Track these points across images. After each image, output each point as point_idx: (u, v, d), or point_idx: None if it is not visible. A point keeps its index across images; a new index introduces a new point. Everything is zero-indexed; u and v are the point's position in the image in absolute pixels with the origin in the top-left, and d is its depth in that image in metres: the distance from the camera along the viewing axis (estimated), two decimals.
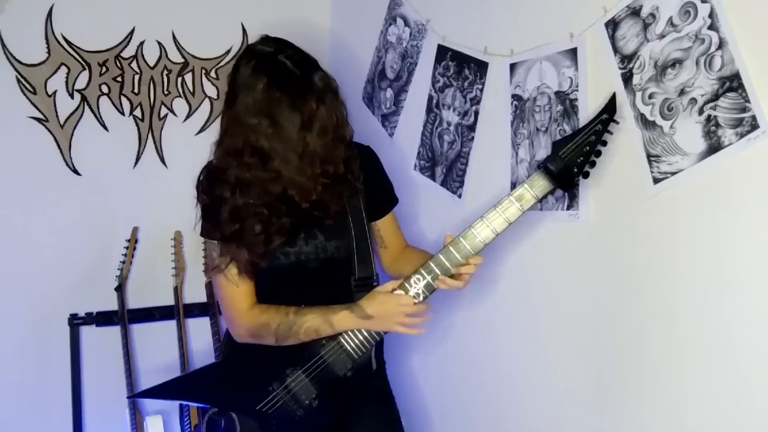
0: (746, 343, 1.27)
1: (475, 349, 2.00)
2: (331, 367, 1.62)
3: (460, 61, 1.96)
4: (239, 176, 1.53)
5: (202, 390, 1.69)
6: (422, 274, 1.57)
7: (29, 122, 2.33)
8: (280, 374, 1.63)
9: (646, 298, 1.46)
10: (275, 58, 1.54)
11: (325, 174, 1.57)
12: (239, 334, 1.66)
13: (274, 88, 1.51)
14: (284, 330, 1.60)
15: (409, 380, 2.26)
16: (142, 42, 2.44)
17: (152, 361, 2.52)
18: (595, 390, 1.61)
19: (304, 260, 1.64)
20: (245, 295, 1.63)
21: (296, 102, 1.52)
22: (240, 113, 1.52)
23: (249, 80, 1.52)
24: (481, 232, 1.55)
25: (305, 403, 1.62)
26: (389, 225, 1.81)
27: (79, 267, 2.43)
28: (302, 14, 2.67)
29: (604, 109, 1.47)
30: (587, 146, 1.46)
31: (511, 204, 1.54)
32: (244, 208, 1.55)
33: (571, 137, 1.49)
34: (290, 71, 1.53)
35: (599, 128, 1.46)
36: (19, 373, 2.38)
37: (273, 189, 1.54)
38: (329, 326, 1.59)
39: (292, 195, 1.55)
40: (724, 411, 1.32)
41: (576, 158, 1.48)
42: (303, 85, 1.53)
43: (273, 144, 1.51)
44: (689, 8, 1.33)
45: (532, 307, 1.79)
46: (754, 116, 1.23)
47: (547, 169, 1.50)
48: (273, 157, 1.52)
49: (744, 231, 1.26)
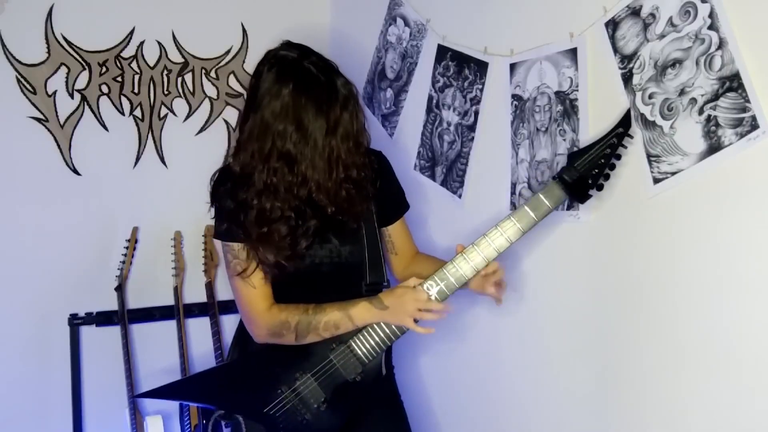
0: (746, 343, 1.27)
1: (476, 350, 2.00)
2: (341, 372, 1.62)
3: (460, 61, 1.96)
4: (267, 180, 1.55)
5: (209, 391, 1.69)
6: (435, 281, 1.59)
7: (29, 122, 2.33)
8: (289, 377, 1.63)
9: (646, 297, 1.46)
10: (301, 64, 1.56)
11: (348, 179, 1.59)
12: (259, 335, 1.65)
13: (300, 94, 1.53)
14: (304, 326, 1.59)
15: (417, 384, 2.26)
16: (142, 42, 2.44)
17: (152, 361, 2.52)
18: (596, 390, 1.61)
19: (318, 263, 1.64)
20: (263, 297, 1.63)
21: (322, 107, 1.54)
22: (266, 118, 1.53)
23: (275, 86, 1.54)
24: (495, 240, 1.56)
25: (314, 407, 1.62)
26: (400, 231, 1.81)
27: (79, 267, 2.43)
28: (302, 14, 2.67)
29: (620, 123, 1.47)
30: (602, 159, 1.48)
31: (527, 213, 1.55)
32: (271, 212, 1.56)
33: (586, 150, 1.50)
34: (315, 77, 1.55)
35: (614, 141, 1.47)
36: (19, 373, 2.37)
37: (300, 193, 1.56)
38: (348, 319, 1.59)
39: (319, 199, 1.57)
40: (725, 411, 1.32)
41: (591, 170, 1.49)
42: (328, 91, 1.56)
43: (299, 148, 1.54)
44: (689, 8, 1.33)
45: (533, 308, 1.79)
46: (754, 116, 1.23)
47: (563, 180, 1.52)
48: (300, 161, 1.54)
49: (744, 231, 1.26)
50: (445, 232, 2.08)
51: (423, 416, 2.20)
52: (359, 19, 2.50)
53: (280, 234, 1.57)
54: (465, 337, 2.04)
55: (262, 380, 1.64)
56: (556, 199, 1.54)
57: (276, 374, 1.64)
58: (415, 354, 2.26)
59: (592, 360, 1.61)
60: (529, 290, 1.80)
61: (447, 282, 1.58)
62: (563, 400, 1.70)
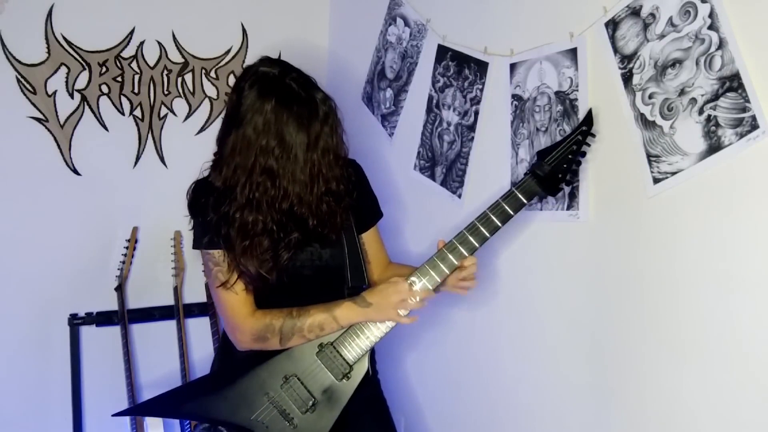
0: (746, 343, 1.27)
1: (476, 350, 2.00)
2: (328, 373, 1.63)
3: (460, 61, 1.96)
4: (249, 195, 1.57)
5: (194, 404, 1.69)
6: (418, 277, 1.61)
7: (29, 122, 2.33)
8: (275, 382, 1.64)
9: (646, 297, 1.46)
10: (282, 81, 1.57)
11: (328, 192, 1.62)
12: (243, 341, 1.65)
13: (282, 109, 1.55)
14: (288, 329, 1.60)
15: (405, 383, 2.26)
16: (142, 42, 2.44)
17: (152, 361, 2.52)
18: (596, 390, 1.61)
19: (299, 267, 1.66)
20: (246, 302, 1.65)
21: (303, 122, 1.56)
22: (249, 134, 1.55)
23: (257, 102, 1.56)
24: (475, 234, 1.59)
25: (302, 411, 1.63)
26: (373, 239, 1.83)
27: (79, 267, 2.43)
28: (302, 14, 2.67)
29: (583, 122, 1.55)
30: (570, 154, 1.57)
31: (504, 208, 1.59)
32: (253, 225, 1.58)
33: (554, 147, 1.58)
34: (297, 93, 1.57)
35: (579, 138, 1.55)
36: (19, 373, 2.38)
37: (282, 206, 1.59)
38: (333, 320, 1.61)
39: (300, 212, 1.60)
40: (726, 411, 1.32)
41: (560, 165, 1.57)
42: (308, 107, 1.58)
43: (281, 163, 1.56)
44: (689, 8, 1.33)
45: (532, 307, 1.79)
46: (754, 116, 1.23)
47: (536, 175, 1.59)
48: (282, 175, 1.56)
49: (744, 231, 1.26)
50: (444, 232, 2.08)
51: (412, 415, 2.20)
52: (359, 19, 2.50)
53: (262, 247, 1.59)
54: (465, 338, 2.04)
55: (248, 386, 1.65)
56: (530, 194, 1.60)
57: (262, 379, 1.64)
58: (404, 351, 2.27)
59: (593, 359, 1.61)
60: (529, 290, 1.80)
61: (429, 278, 1.60)
62: (564, 399, 1.70)
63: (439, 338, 2.14)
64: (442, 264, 1.60)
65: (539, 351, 1.77)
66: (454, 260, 1.60)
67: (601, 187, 1.57)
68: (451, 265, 1.60)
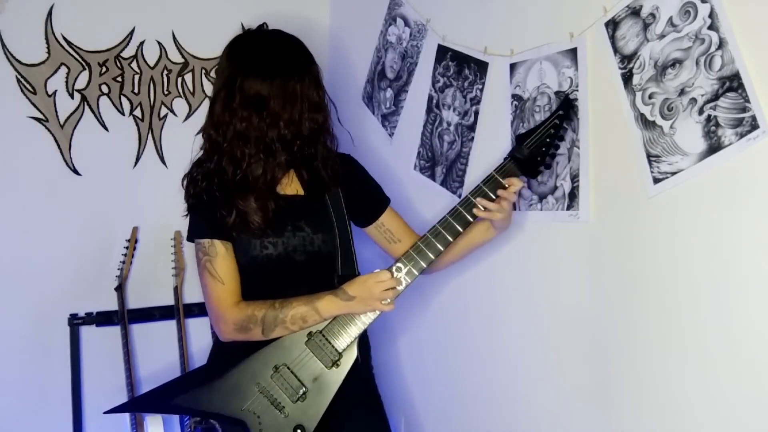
0: (746, 343, 1.27)
1: (476, 350, 2.00)
2: (318, 360, 1.64)
3: (460, 61, 1.96)
4: (238, 129, 1.63)
5: (185, 397, 1.69)
6: (403, 263, 1.65)
7: (29, 122, 2.33)
8: (266, 371, 1.65)
9: (647, 298, 1.46)
10: (251, 36, 1.73)
11: (312, 119, 1.67)
12: (225, 331, 1.66)
13: (267, 48, 1.68)
14: (270, 319, 1.62)
15: (404, 383, 2.26)
16: (142, 42, 2.44)
17: (152, 361, 2.52)
18: (596, 390, 1.61)
19: (291, 251, 1.68)
20: (231, 292, 1.66)
21: (273, 71, 1.64)
22: (226, 82, 1.65)
23: (240, 45, 1.70)
24: (458, 218, 1.65)
25: (293, 399, 1.63)
26: (394, 221, 1.85)
27: (79, 267, 2.43)
28: (302, 14, 2.67)
29: (560, 106, 1.61)
30: (548, 138, 1.61)
31: (485, 192, 1.64)
32: (242, 157, 1.64)
33: (532, 131, 1.62)
34: (269, 46, 1.69)
35: (557, 122, 1.60)
36: (19, 373, 2.37)
37: (270, 134, 1.64)
38: (315, 312, 1.62)
39: (286, 133, 1.64)
40: (727, 411, 1.32)
41: (539, 149, 1.62)
42: (281, 59, 1.67)
43: (267, 88, 1.63)
44: (689, 8, 1.33)
45: (532, 308, 1.79)
46: (754, 116, 1.23)
47: (515, 158, 1.63)
48: (270, 97, 1.63)
49: (744, 231, 1.27)
50: None
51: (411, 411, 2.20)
52: (359, 19, 2.50)
53: (254, 174, 1.64)
54: (464, 337, 2.04)
55: (239, 377, 1.66)
56: (509, 176, 1.64)
57: (252, 370, 1.65)
58: (414, 356, 2.27)
59: (593, 359, 1.61)
60: (529, 289, 1.80)
61: (415, 263, 1.64)
62: (564, 399, 1.70)
63: (439, 338, 2.14)
64: (427, 249, 1.64)
65: (539, 351, 1.78)
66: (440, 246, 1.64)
67: (601, 187, 1.57)
68: (437, 251, 1.64)
